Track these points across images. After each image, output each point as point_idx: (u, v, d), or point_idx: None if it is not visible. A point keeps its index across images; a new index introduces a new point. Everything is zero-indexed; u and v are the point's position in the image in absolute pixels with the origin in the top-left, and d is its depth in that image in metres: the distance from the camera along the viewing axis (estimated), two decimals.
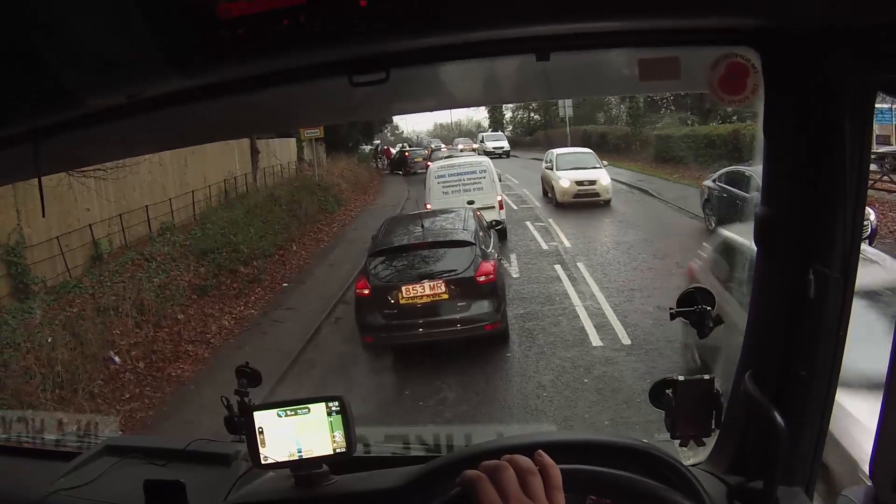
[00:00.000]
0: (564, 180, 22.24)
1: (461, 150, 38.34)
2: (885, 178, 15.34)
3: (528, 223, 19.56)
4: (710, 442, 2.19)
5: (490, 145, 44.80)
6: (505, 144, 46.29)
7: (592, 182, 22.00)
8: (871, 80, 1.60)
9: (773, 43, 1.59)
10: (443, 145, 50.02)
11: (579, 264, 14.76)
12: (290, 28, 1.28)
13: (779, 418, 1.77)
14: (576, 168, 22.70)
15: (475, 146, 44.73)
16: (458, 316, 10.37)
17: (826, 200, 1.72)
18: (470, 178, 16.89)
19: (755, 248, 1.88)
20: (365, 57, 1.53)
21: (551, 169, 23.55)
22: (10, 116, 1.52)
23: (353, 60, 1.54)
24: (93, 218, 15.76)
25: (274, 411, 2.33)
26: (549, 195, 23.78)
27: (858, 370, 2.96)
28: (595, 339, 10.82)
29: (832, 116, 1.64)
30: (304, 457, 2.32)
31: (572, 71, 1.93)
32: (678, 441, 2.14)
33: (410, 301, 10.38)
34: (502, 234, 16.12)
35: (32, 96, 1.44)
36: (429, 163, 26.19)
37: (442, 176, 17.13)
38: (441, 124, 69.69)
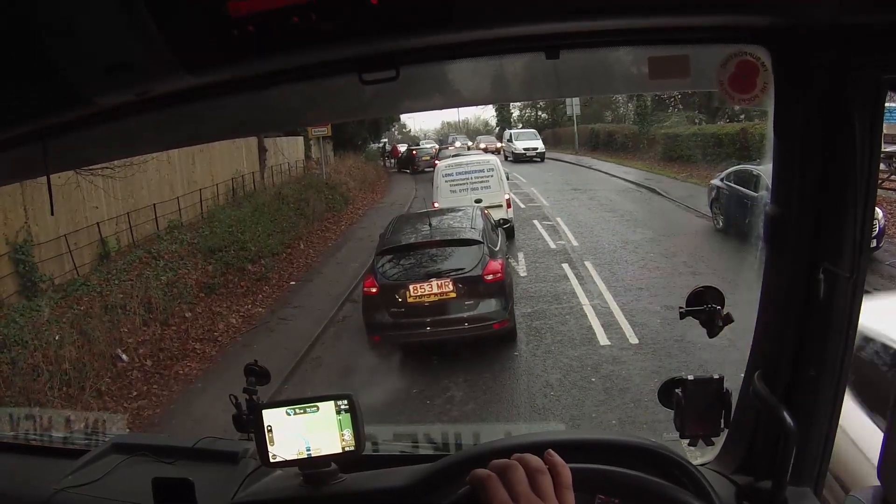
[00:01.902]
0: None
1: (484, 149, 35.72)
2: (894, 177, 15.22)
3: (536, 222, 19.49)
4: (719, 442, 2.19)
5: (520, 146, 37.65)
6: (539, 145, 38.09)
7: None
8: (880, 78, 1.60)
9: (783, 41, 1.59)
10: (469, 142, 47.52)
11: (587, 263, 14.70)
12: (301, 26, 1.28)
13: (788, 418, 1.77)
14: None
15: (500, 145, 39.98)
16: (465, 314, 10.35)
17: (835, 199, 1.72)
18: (478, 177, 16.85)
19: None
20: (375, 54, 1.53)
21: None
22: (19, 115, 1.53)
23: (363, 58, 1.54)
24: (100, 216, 15.79)
25: (283, 409, 2.33)
26: None
27: None
28: (603, 338, 10.78)
29: (842, 115, 1.63)
30: (312, 455, 2.32)
31: (581, 69, 1.93)
32: (687, 440, 2.14)
33: (418, 300, 10.35)
34: (510, 233, 16.15)
35: (41, 95, 1.44)
36: (437, 161, 25.94)
37: (450, 174, 17.08)
38: (448, 122, 69.32)
